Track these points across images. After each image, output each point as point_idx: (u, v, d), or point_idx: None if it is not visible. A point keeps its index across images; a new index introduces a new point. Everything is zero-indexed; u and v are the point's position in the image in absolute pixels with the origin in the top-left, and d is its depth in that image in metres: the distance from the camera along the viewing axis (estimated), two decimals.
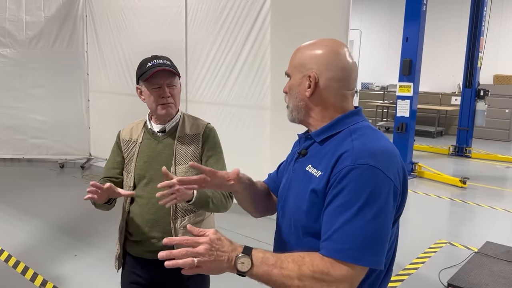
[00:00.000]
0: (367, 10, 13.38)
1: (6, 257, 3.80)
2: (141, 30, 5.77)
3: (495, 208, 5.57)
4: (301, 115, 1.30)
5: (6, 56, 6.62)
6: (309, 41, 1.32)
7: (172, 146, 1.88)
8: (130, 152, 1.93)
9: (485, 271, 3.42)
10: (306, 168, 1.26)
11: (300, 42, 1.36)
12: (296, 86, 1.28)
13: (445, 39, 11.81)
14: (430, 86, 12.08)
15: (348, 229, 1.08)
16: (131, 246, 1.93)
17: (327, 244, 1.11)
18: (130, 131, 1.97)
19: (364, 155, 1.13)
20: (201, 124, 1.95)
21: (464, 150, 8.76)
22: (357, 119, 1.27)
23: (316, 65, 1.24)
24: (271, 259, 1.12)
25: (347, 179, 1.11)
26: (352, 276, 1.09)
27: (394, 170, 1.15)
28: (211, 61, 4.99)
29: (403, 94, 6.82)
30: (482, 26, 8.24)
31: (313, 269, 1.09)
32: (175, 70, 1.86)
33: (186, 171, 1.85)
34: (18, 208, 5.02)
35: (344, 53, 1.26)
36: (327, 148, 1.23)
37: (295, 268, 1.10)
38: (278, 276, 1.10)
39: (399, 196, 1.18)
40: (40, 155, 6.93)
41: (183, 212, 1.86)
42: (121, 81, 6.21)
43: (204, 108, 5.00)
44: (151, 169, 1.86)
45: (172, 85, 1.86)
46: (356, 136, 1.19)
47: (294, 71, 1.30)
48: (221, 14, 4.82)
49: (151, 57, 1.87)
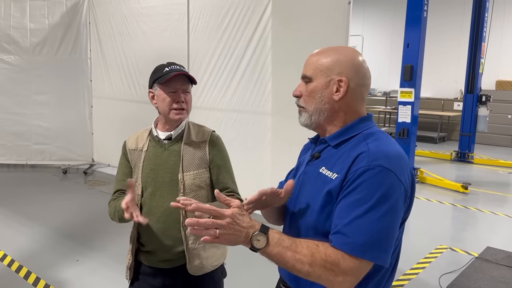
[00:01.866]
0: (369, 16, 13.43)
1: (9, 262, 3.83)
2: (144, 37, 5.83)
3: (496, 214, 5.56)
4: (321, 118, 1.33)
5: (11, 63, 6.69)
6: (326, 47, 1.36)
7: (179, 153, 1.88)
8: (136, 160, 1.92)
9: (485, 276, 3.42)
10: (320, 170, 1.30)
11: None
12: (322, 90, 1.30)
13: (447, 45, 11.84)
14: (432, 91, 12.10)
15: (358, 224, 1.13)
16: (144, 256, 1.91)
17: (337, 237, 1.16)
18: (136, 140, 1.97)
19: (379, 157, 1.18)
20: (206, 132, 1.96)
21: (466, 156, 8.75)
22: (369, 124, 1.33)
23: (345, 70, 1.29)
24: (287, 242, 1.17)
25: (361, 178, 1.16)
26: (358, 269, 1.14)
27: (405, 174, 1.21)
28: (213, 68, 5.03)
29: (404, 100, 6.84)
30: (484, 32, 8.26)
31: (325, 258, 1.14)
32: (192, 77, 1.88)
33: (194, 178, 1.86)
34: (21, 213, 5.05)
35: (364, 61, 1.33)
36: (342, 151, 1.28)
37: (308, 254, 1.15)
38: (291, 258, 1.16)
39: (408, 199, 1.23)
40: (44, 161, 6.97)
41: None
42: (124, 88, 6.26)
43: (206, 114, 5.03)
44: (158, 176, 1.86)
45: (187, 91, 1.88)
46: (371, 140, 1.25)
47: (317, 74, 1.31)
48: (222, 21, 4.87)
49: (167, 63, 1.89)
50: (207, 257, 1.88)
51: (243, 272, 3.58)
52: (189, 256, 1.84)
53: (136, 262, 1.94)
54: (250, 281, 3.50)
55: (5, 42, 6.64)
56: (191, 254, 1.84)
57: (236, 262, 3.89)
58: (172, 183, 1.84)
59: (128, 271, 1.96)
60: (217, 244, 1.91)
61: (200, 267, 1.86)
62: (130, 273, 1.95)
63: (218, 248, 1.94)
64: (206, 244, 1.86)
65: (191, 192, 1.84)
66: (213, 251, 1.91)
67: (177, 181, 1.84)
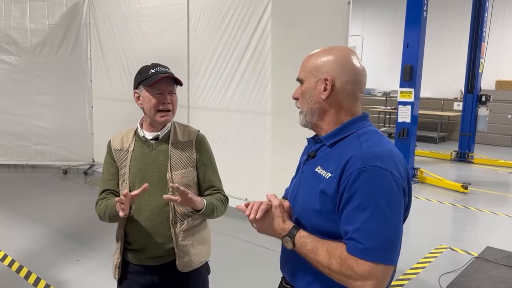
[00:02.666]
0: (369, 16, 13.44)
1: (9, 262, 3.84)
2: (144, 37, 5.83)
3: (496, 214, 5.56)
4: (314, 118, 1.35)
5: (11, 63, 6.70)
6: (319, 49, 1.38)
7: (167, 152, 1.91)
8: (123, 161, 1.93)
9: (485, 276, 3.43)
10: (315, 169, 1.32)
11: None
12: (311, 90, 1.33)
13: (447, 45, 11.84)
14: (432, 92, 12.10)
15: (367, 229, 1.16)
16: (132, 255, 1.93)
17: (350, 243, 1.18)
18: (121, 140, 1.97)
19: (372, 157, 1.20)
20: (192, 132, 2.00)
21: (466, 156, 8.76)
22: (364, 123, 1.34)
23: (331, 68, 1.31)
24: (309, 245, 1.26)
25: (359, 182, 1.18)
26: (376, 273, 1.16)
27: (400, 170, 1.23)
28: (213, 68, 5.03)
29: (404, 100, 6.85)
30: (483, 32, 8.27)
31: (341, 263, 1.18)
32: (177, 79, 1.90)
33: (182, 176, 1.89)
34: (22, 213, 5.05)
35: (356, 59, 1.34)
36: (336, 151, 1.30)
37: (325, 258, 1.21)
38: (313, 260, 1.25)
39: (406, 196, 1.25)
40: (44, 161, 6.98)
41: (182, 216, 1.89)
42: (124, 88, 6.26)
43: (206, 114, 5.04)
44: (146, 175, 1.88)
45: (173, 93, 1.90)
46: (364, 139, 1.26)
47: (307, 75, 1.35)
48: (222, 21, 4.87)
49: (151, 65, 1.90)
50: (195, 254, 1.92)
51: (247, 272, 3.59)
52: (178, 252, 1.88)
53: (123, 261, 1.95)
54: (253, 280, 3.51)
55: (5, 42, 6.64)
56: (180, 251, 1.88)
57: (240, 261, 3.91)
58: (161, 182, 1.87)
59: (116, 270, 1.97)
60: (204, 241, 1.98)
61: (189, 263, 1.90)
62: (118, 272, 1.97)
63: (204, 245, 1.99)
64: (195, 241, 1.92)
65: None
66: (200, 248, 1.96)
67: (165, 180, 1.87)
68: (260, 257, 3.94)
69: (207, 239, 2.03)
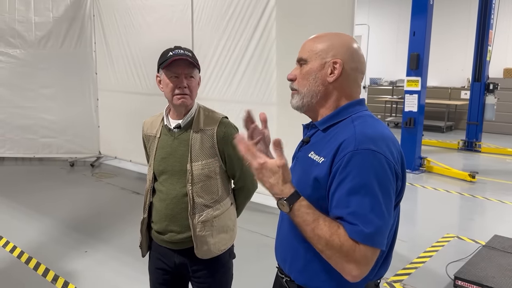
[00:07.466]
0: (375, 5, 13.30)
1: (18, 253, 3.88)
2: (148, 29, 5.82)
3: (504, 202, 5.53)
4: (314, 100, 1.33)
5: (16, 56, 6.72)
6: (324, 32, 1.37)
7: (188, 142, 1.86)
8: (151, 146, 1.96)
9: (492, 264, 3.41)
10: (309, 155, 1.31)
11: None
12: (317, 71, 1.31)
13: (454, 33, 11.71)
14: (439, 80, 12.00)
15: (363, 213, 1.13)
16: (155, 235, 1.96)
17: (350, 227, 1.15)
18: (151, 125, 2.00)
19: (366, 140, 1.18)
20: (216, 118, 1.92)
21: (473, 145, 8.69)
22: (360, 108, 1.33)
23: (340, 53, 1.30)
24: (311, 216, 1.18)
25: (351, 164, 1.16)
26: (370, 258, 1.15)
27: (394, 154, 1.21)
28: (218, 58, 5.01)
29: (411, 89, 6.80)
30: (491, 19, 8.16)
31: (342, 243, 1.14)
32: (195, 61, 1.84)
33: (202, 168, 1.85)
34: (30, 206, 5.10)
35: (359, 48, 1.35)
36: (330, 135, 1.29)
37: (326, 234, 1.16)
38: (309, 232, 1.18)
39: (400, 180, 1.23)
40: (51, 154, 7.03)
41: (201, 207, 1.85)
42: (129, 80, 6.27)
43: (211, 105, 4.98)
44: (168, 165, 1.88)
45: (191, 76, 1.84)
46: (358, 123, 1.25)
47: (313, 56, 1.32)
48: (226, 11, 4.85)
49: (174, 47, 1.87)
50: (214, 243, 1.88)
51: (252, 263, 3.60)
52: (196, 242, 1.86)
53: (151, 239, 2.01)
54: (257, 271, 3.52)
55: (11, 36, 6.66)
56: (199, 241, 1.86)
57: (245, 252, 3.91)
58: (181, 172, 1.86)
59: (141, 249, 2.05)
60: (226, 230, 1.93)
61: (208, 252, 1.88)
62: (142, 251, 2.04)
63: (227, 233, 1.94)
64: (214, 231, 1.88)
65: (200, 182, 1.85)
66: (221, 236, 1.91)
67: (185, 171, 1.85)
68: (266, 247, 3.95)
69: (230, 227, 1.96)
